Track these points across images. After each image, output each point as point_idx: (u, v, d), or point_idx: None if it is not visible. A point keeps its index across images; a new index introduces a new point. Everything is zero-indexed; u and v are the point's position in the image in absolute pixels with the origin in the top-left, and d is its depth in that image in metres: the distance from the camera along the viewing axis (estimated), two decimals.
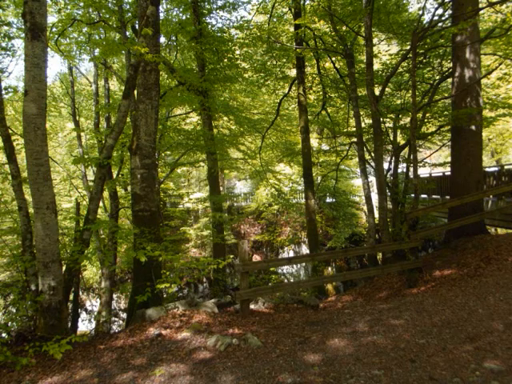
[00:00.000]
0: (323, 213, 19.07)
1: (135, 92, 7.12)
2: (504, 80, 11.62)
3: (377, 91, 10.40)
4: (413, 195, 7.93)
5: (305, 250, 18.16)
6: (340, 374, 3.25)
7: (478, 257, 6.92)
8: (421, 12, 9.20)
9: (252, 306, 6.57)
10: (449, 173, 10.52)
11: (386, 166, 10.46)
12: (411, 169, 8.57)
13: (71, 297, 7.78)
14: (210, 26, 12.68)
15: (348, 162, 19.99)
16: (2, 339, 4.39)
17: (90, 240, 5.77)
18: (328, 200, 19.13)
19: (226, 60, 12.75)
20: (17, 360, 3.91)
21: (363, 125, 12.82)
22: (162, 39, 12.95)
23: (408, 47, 10.79)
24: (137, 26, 8.78)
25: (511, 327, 3.84)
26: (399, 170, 10.58)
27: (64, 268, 5.10)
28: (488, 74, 9.46)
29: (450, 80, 9.93)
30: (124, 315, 15.34)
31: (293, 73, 16.08)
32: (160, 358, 4.00)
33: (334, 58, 13.71)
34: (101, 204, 13.10)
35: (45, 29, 4.30)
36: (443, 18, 9.19)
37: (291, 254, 18.13)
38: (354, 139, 11.97)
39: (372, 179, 14.81)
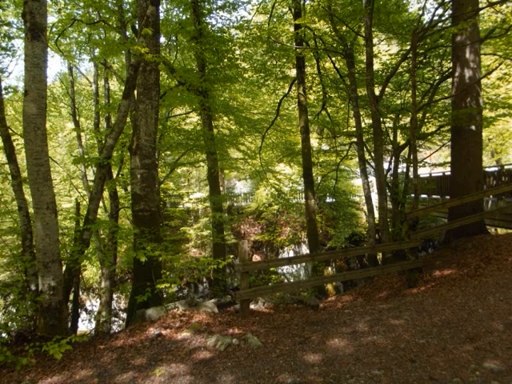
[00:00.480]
0: (323, 213, 19.07)
1: (135, 92, 7.12)
2: (504, 80, 11.62)
3: (377, 91, 10.39)
4: (413, 195, 7.93)
5: (305, 249, 18.16)
6: (340, 374, 3.25)
7: (478, 257, 6.92)
8: (421, 12, 9.21)
9: (252, 306, 6.57)
10: (449, 173, 10.52)
11: (386, 166, 10.46)
12: (411, 169, 8.57)
13: (71, 297, 7.79)
14: (210, 26, 12.68)
15: (348, 162, 19.99)
16: (2, 339, 4.39)
17: (90, 240, 5.77)
18: (328, 200, 19.13)
19: (226, 60, 12.74)
20: (17, 360, 3.91)
21: (363, 125, 12.81)
22: (162, 39, 12.97)
23: (408, 47, 10.79)
24: (137, 26, 8.78)
25: (511, 327, 3.84)
26: (399, 170, 10.58)
27: (64, 268, 5.10)
28: (488, 74, 9.45)
29: (450, 80, 9.93)
30: (124, 315, 15.34)
31: (293, 73, 16.07)
32: (160, 358, 4.00)
33: (334, 58, 13.71)
34: (101, 204, 13.10)
35: (45, 29, 4.30)
36: (443, 18, 9.19)
37: (291, 254, 18.12)
38: (354, 139, 11.97)
39: (372, 179, 14.80)
